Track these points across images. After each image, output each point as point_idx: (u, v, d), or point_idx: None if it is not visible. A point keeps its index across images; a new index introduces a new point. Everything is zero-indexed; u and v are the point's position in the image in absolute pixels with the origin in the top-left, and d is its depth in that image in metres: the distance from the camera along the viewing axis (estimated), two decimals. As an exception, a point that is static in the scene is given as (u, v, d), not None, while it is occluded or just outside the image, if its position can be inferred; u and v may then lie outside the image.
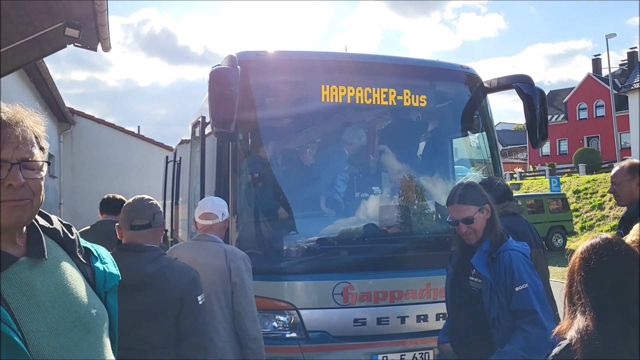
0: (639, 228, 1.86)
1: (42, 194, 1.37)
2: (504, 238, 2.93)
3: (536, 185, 27.19)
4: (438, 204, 4.59)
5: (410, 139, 5.02)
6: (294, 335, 3.90)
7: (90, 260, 1.52)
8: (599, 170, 28.18)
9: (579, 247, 1.71)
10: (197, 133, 5.29)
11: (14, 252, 1.32)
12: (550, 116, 37.20)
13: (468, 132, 5.11)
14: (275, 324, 3.90)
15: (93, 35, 7.19)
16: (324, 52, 4.84)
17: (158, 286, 2.67)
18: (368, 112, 4.95)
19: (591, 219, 20.91)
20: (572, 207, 20.92)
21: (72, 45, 7.45)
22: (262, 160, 4.37)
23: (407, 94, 4.48)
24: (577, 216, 21.18)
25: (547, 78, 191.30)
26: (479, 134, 4.97)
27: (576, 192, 23.10)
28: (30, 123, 1.37)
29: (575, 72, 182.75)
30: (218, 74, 3.73)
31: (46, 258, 1.37)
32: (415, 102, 4.52)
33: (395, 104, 4.49)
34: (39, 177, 1.35)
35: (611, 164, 25.75)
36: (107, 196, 4.87)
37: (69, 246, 1.47)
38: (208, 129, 4.36)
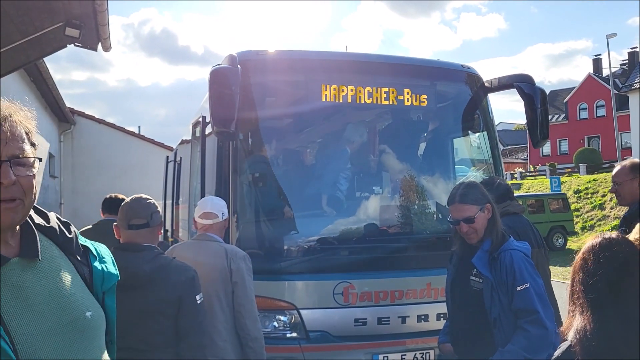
0: (640, 228, 1.85)
1: (35, 192, 1.31)
2: (505, 238, 2.93)
3: (537, 185, 27.18)
4: (439, 204, 4.58)
5: (410, 139, 5.00)
6: (295, 335, 3.89)
7: (88, 259, 1.47)
8: (600, 170, 28.19)
9: (583, 247, 1.71)
10: (198, 133, 5.29)
11: (6, 253, 1.27)
12: (550, 116, 36.95)
13: (469, 132, 5.10)
14: (275, 324, 3.90)
15: (93, 35, 7.19)
16: (325, 52, 4.81)
17: (156, 285, 2.67)
18: (369, 112, 4.93)
19: (592, 219, 20.92)
20: (573, 207, 20.92)
21: (73, 45, 7.46)
22: (263, 159, 4.36)
23: (408, 94, 4.47)
24: (578, 216, 21.18)
25: (548, 78, 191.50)
26: (480, 134, 4.96)
27: (577, 192, 23.11)
28: (19, 118, 1.30)
29: (575, 72, 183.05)
30: (218, 74, 3.72)
31: (40, 258, 1.32)
32: (415, 102, 4.51)
33: (395, 104, 4.47)
34: (31, 175, 1.29)
35: (612, 164, 25.74)
36: (109, 196, 4.91)
37: (66, 245, 1.42)
38: (208, 129, 4.36)
